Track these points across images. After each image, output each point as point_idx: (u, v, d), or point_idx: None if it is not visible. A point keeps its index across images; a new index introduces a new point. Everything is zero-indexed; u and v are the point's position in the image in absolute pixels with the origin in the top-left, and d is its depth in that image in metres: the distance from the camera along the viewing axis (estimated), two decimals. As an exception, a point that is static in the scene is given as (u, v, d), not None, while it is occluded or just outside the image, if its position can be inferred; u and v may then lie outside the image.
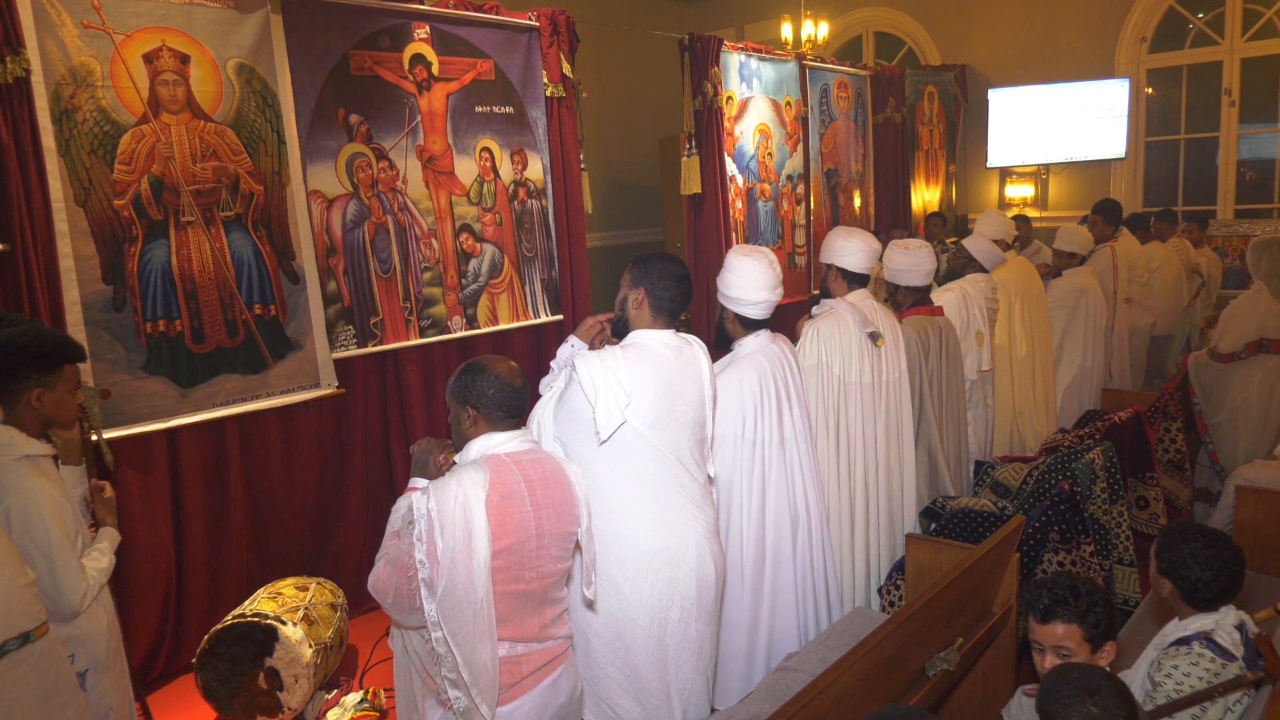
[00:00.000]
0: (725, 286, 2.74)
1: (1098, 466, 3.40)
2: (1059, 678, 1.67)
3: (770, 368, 2.73)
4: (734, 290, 2.72)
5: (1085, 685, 1.63)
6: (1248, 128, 7.29)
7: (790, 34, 7.71)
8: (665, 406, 2.28)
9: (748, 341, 2.79)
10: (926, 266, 3.62)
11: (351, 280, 3.95)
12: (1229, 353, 4.55)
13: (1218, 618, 2.06)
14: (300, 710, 3.00)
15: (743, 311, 2.75)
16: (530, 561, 1.98)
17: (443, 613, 1.84)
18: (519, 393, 2.05)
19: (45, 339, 2.16)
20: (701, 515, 2.35)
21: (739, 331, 2.80)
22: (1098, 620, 1.94)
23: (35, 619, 1.99)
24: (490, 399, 2.01)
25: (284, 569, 3.73)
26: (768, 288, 2.70)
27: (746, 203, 6.22)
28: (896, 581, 3.09)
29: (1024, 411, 4.61)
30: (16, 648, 1.95)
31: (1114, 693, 1.62)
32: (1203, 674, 1.97)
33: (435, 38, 4.20)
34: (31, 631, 1.97)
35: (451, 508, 1.85)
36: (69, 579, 2.11)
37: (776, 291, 2.72)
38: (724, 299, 2.77)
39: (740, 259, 2.72)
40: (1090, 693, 1.61)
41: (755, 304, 2.72)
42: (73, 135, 3.13)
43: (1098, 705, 1.60)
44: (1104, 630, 1.96)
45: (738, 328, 2.80)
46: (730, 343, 2.84)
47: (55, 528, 2.08)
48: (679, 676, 2.33)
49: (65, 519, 2.13)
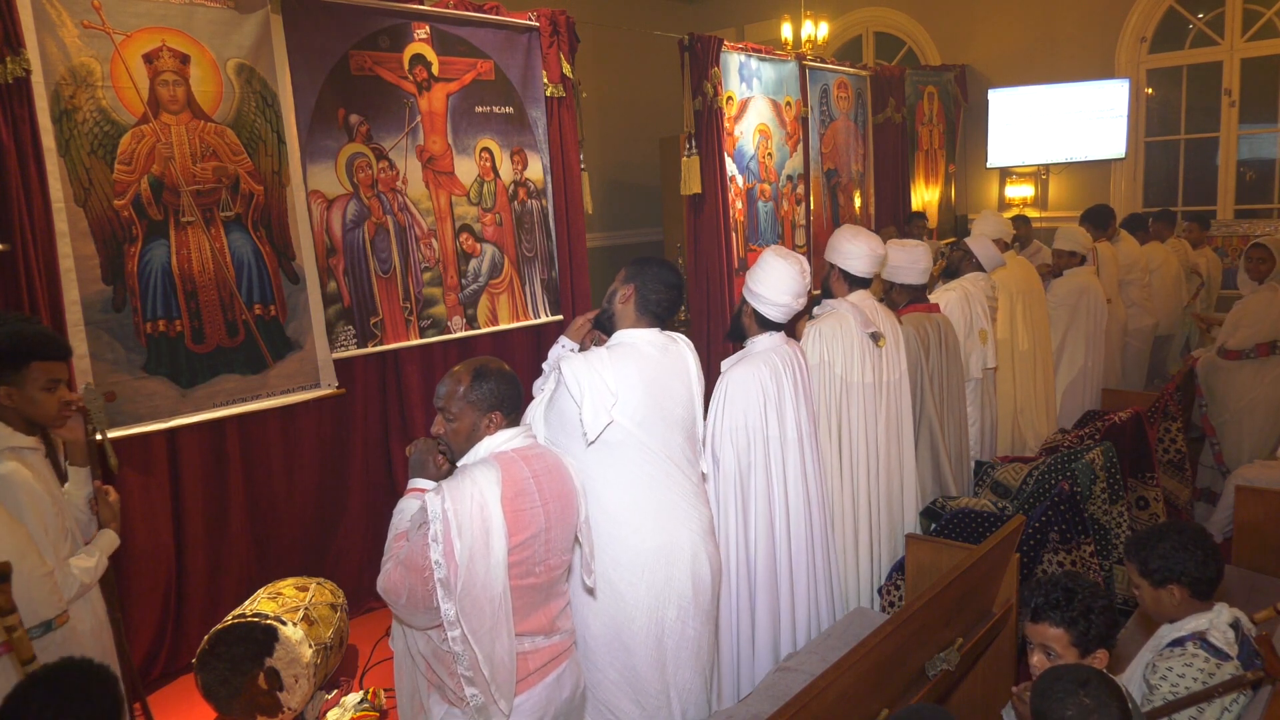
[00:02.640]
0: (753, 281, 2.77)
1: (1098, 466, 3.40)
2: (1050, 676, 1.71)
3: (782, 366, 2.76)
4: (759, 286, 2.74)
5: (1075, 678, 1.66)
6: (1248, 128, 7.29)
7: (790, 34, 7.71)
8: (653, 404, 2.29)
9: (762, 339, 2.81)
10: (923, 264, 3.63)
11: (351, 280, 3.95)
12: (1237, 350, 4.54)
13: (1211, 616, 2.05)
14: (300, 710, 3.00)
15: (763, 310, 2.77)
16: (541, 554, 2.00)
17: (462, 611, 1.84)
18: (522, 389, 2.11)
19: (11, 337, 2.13)
20: (695, 514, 2.36)
21: (754, 329, 2.82)
22: (1087, 628, 1.93)
23: (56, 607, 2.04)
24: (512, 399, 2.04)
25: (284, 569, 3.73)
26: (792, 294, 2.72)
27: (746, 203, 6.22)
28: (896, 581, 3.09)
29: (1025, 410, 4.62)
30: (39, 635, 2.01)
31: (1103, 683, 1.65)
32: (1198, 674, 1.97)
33: (435, 38, 4.20)
34: (53, 620, 2.03)
35: (469, 507, 1.85)
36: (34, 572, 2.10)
37: (800, 300, 2.75)
38: (749, 293, 2.80)
39: (775, 259, 2.75)
40: (1080, 684, 1.64)
41: (776, 306, 2.74)
42: (73, 135, 3.13)
43: (1090, 695, 1.62)
44: (1095, 637, 1.94)
45: (754, 324, 2.82)
46: (743, 338, 2.85)
47: (30, 515, 2.08)
48: (678, 677, 2.34)
49: (42, 509, 2.12)
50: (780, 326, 2.82)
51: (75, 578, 2.18)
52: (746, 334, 2.84)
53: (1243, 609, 2.13)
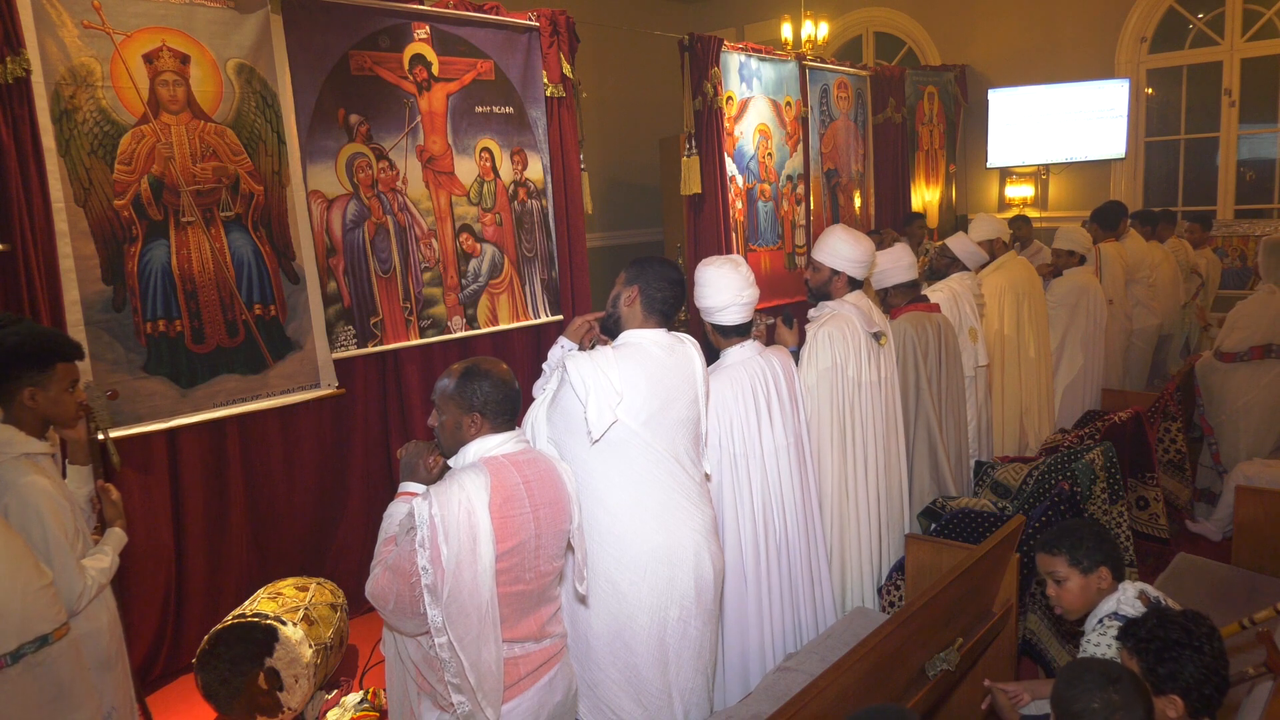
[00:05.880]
0: (698, 299, 2.74)
1: (1098, 467, 3.41)
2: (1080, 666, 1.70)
3: (750, 381, 2.71)
4: (704, 300, 2.71)
5: (1106, 673, 1.65)
6: (1248, 128, 7.29)
7: (790, 34, 7.71)
8: (658, 404, 2.28)
9: (731, 353, 2.77)
10: (907, 260, 3.64)
11: (351, 280, 3.95)
12: (1232, 352, 4.54)
13: (1118, 595, 2.20)
14: (300, 710, 3.00)
15: (718, 320, 2.73)
16: (530, 562, 1.98)
17: (448, 618, 1.83)
18: (517, 394, 2.07)
19: (36, 338, 2.15)
20: (699, 514, 2.35)
21: (720, 341, 2.79)
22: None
23: (54, 621, 2.00)
24: (496, 404, 2.01)
25: (284, 569, 3.73)
26: (734, 290, 2.65)
27: (746, 203, 6.22)
28: (896, 581, 3.09)
29: (1030, 411, 4.62)
30: (33, 650, 1.96)
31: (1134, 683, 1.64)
32: (1111, 643, 2.09)
33: (435, 38, 4.20)
34: (50, 634, 1.99)
35: (456, 512, 1.84)
36: (65, 577, 2.10)
37: (746, 293, 2.67)
38: (701, 311, 2.77)
39: (703, 270, 2.70)
40: (1111, 680, 1.63)
41: (726, 308, 2.69)
42: (73, 135, 3.13)
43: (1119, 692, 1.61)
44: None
45: (718, 338, 2.79)
46: (719, 354, 2.83)
47: (53, 525, 2.08)
48: (680, 676, 2.33)
49: (63, 516, 2.13)
50: (747, 331, 2.77)
51: (94, 579, 2.19)
52: (718, 349, 2.82)
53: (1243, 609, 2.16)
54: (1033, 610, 3.07)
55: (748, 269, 2.72)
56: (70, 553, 2.13)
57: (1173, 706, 1.75)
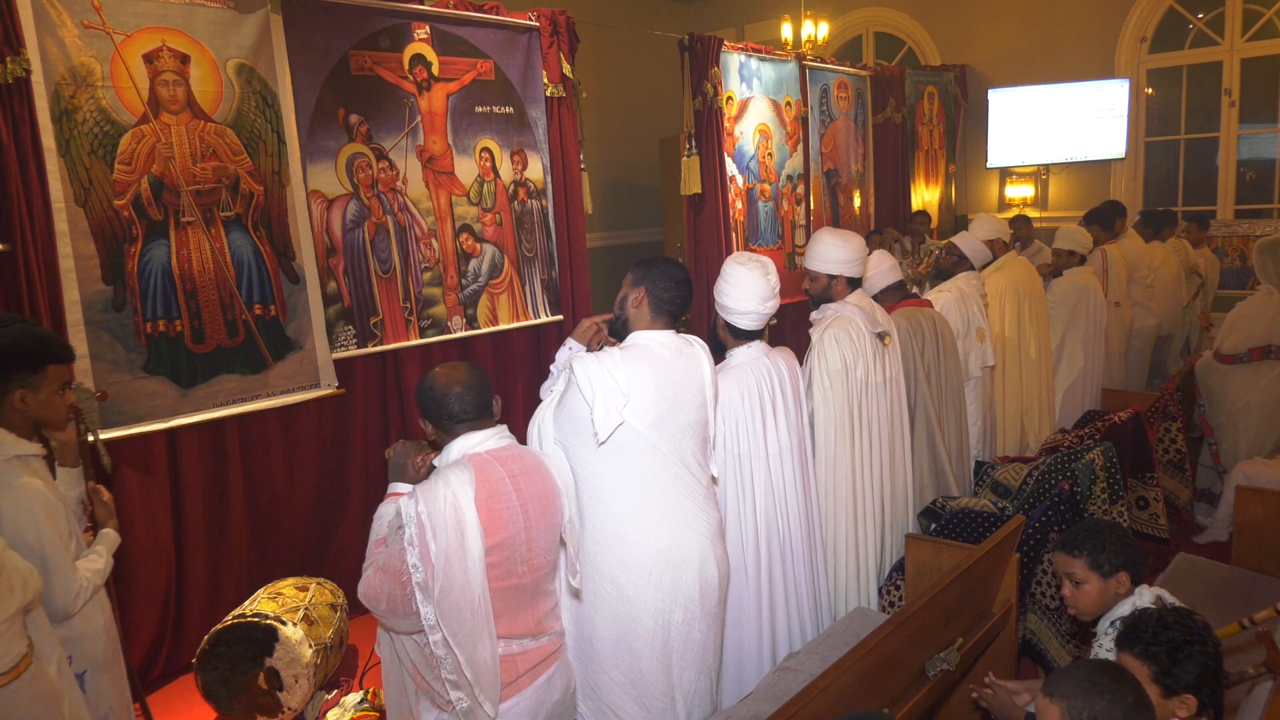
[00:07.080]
0: (719, 294, 2.72)
1: (1098, 467, 3.41)
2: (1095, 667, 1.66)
3: (755, 381, 2.70)
4: (725, 298, 2.69)
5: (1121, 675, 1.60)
6: (1248, 128, 7.29)
7: (790, 34, 7.71)
8: (665, 406, 2.27)
9: (738, 353, 2.76)
10: (886, 264, 3.68)
11: (351, 280, 3.95)
12: (1232, 354, 4.54)
13: (1134, 599, 2.14)
14: (300, 710, 3.00)
15: (733, 321, 2.72)
16: (521, 555, 1.99)
17: (441, 614, 1.84)
18: (478, 388, 2.03)
19: (28, 340, 2.13)
20: (704, 516, 2.35)
21: (730, 341, 2.78)
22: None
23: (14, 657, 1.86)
24: (457, 414, 2.01)
25: (284, 569, 3.73)
26: (758, 299, 2.64)
27: (746, 203, 6.22)
28: (896, 581, 3.09)
29: (1030, 411, 4.62)
30: None
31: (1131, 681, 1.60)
32: None
33: (435, 38, 4.20)
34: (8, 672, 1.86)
35: (442, 508, 1.85)
36: (61, 579, 2.09)
37: (768, 304, 2.66)
38: (718, 305, 2.75)
39: (734, 267, 2.68)
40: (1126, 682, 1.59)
41: (745, 314, 2.68)
42: (73, 135, 3.13)
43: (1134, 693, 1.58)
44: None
45: (729, 336, 2.77)
46: (724, 350, 2.82)
47: (48, 527, 2.07)
48: (683, 679, 2.33)
49: (57, 518, 2.12)
50: (757, 335, 2.76)
51: (89, 580, 2.18)
52: (725, 347, 2.80)
53: (1243, 609, 2.15)
54: (1033, 610, 3.07)
55: (776, 279, 2.68)
56: (65, 555, 2.11)
57: (1184, 706, 1.74)
